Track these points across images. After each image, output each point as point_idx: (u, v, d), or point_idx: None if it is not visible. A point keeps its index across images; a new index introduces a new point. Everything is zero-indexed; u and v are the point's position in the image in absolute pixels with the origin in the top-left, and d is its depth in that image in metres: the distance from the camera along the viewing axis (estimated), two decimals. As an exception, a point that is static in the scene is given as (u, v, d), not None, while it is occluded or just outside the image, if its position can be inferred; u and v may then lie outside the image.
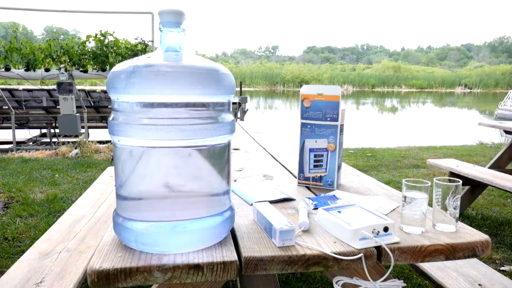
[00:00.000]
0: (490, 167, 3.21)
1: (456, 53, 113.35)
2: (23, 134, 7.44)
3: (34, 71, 6.26)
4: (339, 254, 0.81)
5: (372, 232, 0.83)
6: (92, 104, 7.93)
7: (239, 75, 41.40)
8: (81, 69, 6.40)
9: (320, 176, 1.27)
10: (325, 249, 0.82)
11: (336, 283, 0.83)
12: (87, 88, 12.66)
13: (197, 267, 0.76)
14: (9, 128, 6.61)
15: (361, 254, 0.80)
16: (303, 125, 1.27)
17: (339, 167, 1.28)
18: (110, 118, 0.81)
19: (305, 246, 0.83)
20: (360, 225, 0.84)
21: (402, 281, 0.83)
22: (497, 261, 2.35)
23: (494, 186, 2.64)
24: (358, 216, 0.90)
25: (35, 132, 7.79)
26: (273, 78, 46.26)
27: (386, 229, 0.84)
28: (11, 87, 9.31)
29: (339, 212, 0.93)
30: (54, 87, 6.24)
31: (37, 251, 1.59)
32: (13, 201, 3.44)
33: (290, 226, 0.84)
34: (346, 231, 0.84)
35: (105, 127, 7.47)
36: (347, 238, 0.85)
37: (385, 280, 0.80)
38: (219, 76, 0.80)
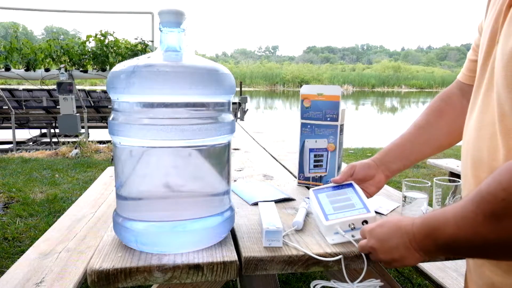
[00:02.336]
0: (490, 167, 3.20)
1: (456, 53, 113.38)
2: (23, 134, 7.43)
3: (34, 71, 6.26)
4: (323, 255, 0.80)
5: (349, 226, 0.83)
6: (92, 104, 7.93)
7: (239, 75, 41.38)
8: (81, 69, 6.39)
9: (320, 176, 1.27)
10: (313, 249, 0.82)
11: (313, 287, 0.82)
12: (87, 88, 12.67)
13: (197, 267, 0.76)
14: (9, 128, 6.60)
15: (340, 256, 0.80)
16: (303, 125, 1.27)
17: (339, 167, 1.28)
18: (110, 118, 0.81)
19: (292, 246, 0.83)
20: (336, 221, 0.83)
21: (379, 280, 0.83)
22: (497, 261, 2.35)
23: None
24: (341, 206, 0.88)
25: (35, 132, 7.79)
26: (273, 78, 46.24)
27: (365, 222, 0.83)
28: (11, 87, 9.31)
29: (327, 195, 0.92)
30: (54, 87, 6.23)
31: (37, 251, 1.59)
32: (13, 201, 3.45)
33: (277, 227, 0.83)
34: (322, 225, 0.85)
35: (105, 127, 7.46)
36: (323, 231, 0.86)
37: (361, 281, 0.80)
38: (219, 76, 0.80)
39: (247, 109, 8.03)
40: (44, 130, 7.79)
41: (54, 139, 7.21)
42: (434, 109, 0.96)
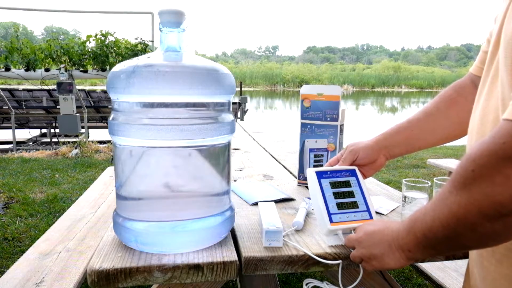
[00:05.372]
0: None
1: (456, 53, 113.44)
2: (23, 134, 7.43)
3: (34, 71, 6.26)
4: (322, 256, 0.80)
5: (349, 230, 0.82)
6: (92, 104, 7.93)
7: (239, 75, 41.37)
8: (81, 69, 6.39)
9: (320, 176, 1.27)
10: (313, 249, 0.82)
11: (306, 285, 0.82)
12: (87, 88, 12.66)
13: (197, 267, 0.76)
14: (9, 128, 6.60)
15: (339, 261, 0.80)
16: (303, 125, 1.27)
17: (339, 167, 1.27)
18: (110, 118, 0.81)
19: (292, 246, 0.83)
20: (340, 226, 0.82)
21: None
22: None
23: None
24: (345, 203, 0.85)
25: (35, 132, 7.79)
26: (273, 78, 46.23)
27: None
28: (11, 87, 9.31)
29: (331, 184, 0.87)
30: (54, 87, 6.23)
31: (37, 251, 1.59)
32: (13, 201, 3.45)
33: (277, 227, 0.83)
34: (326, 226, 0.82)
35: (105, 127, 7.46)
36: (324, 231, 0.84)
37: (355, 286, 0.80)
38: (219, 76, 0.80)
39: (247, 109, 8.03)
40: (44, 130, 7.79)
41: (54, 139, 7.21)
42: (446, 97, 0.92)
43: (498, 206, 0.48)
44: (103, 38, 6.43)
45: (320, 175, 0.87)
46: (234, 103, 7.26)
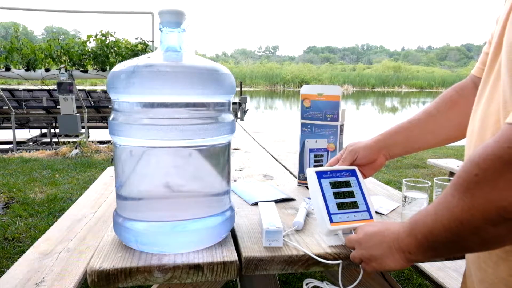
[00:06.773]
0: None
1: (456, 53, 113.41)
2: (23, 134, 7.43)
3: (34, 71, 6.26)
4: (323, 256, 0.80)
5: (349, 230, 0.83)
6: (92, 104, 7.93)
7: (239, 75, 41.35)
8: (81, 69, 6.39)
9: (320, 176, 1.27)
10: (313, 249, 0.82)
11: (306, 285, 0.82)
12: (87, 88, 12.65)
13: (197, 267, 0.76)
14: (9, 128, 6.60)
15: (339, 262, 0.80)
16: (303, 125, 1.27)
17: (339, 167, 1.27)
18: (110, 118, 0.81)
19: (292, 246, 0.83)
20: (340, 226, 0.82)
21: None
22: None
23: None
24: (345, 203, 0.85)
25: (35, 132, 7.79)
26: (273, 78, 46.20)
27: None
28: (11, 87, 9.30)
29: (331, 184, 0.87)
30: (54, 87, 6.23)
31: (37, 251, 1.59)
32: (13, 201, 3.45)
33: (277, 227, 0.83)
34: (326, 227, 0.82)
35: (105, 127, 7.46)
36: (324, 231, 0.84)
37: (355, 287, 0.80)
38: (219, 76, 0.80)
39: (247, 109, 8.03)
40: (44, 130, 7.79)
41: (54, 139, 7.21)
42: (447, 99, 0.92)
43: (502, 211, 0.48)
44: (103, 38, 6.43)
45: (320, 175, 0.87)
46: (234, 103, 7.26)
